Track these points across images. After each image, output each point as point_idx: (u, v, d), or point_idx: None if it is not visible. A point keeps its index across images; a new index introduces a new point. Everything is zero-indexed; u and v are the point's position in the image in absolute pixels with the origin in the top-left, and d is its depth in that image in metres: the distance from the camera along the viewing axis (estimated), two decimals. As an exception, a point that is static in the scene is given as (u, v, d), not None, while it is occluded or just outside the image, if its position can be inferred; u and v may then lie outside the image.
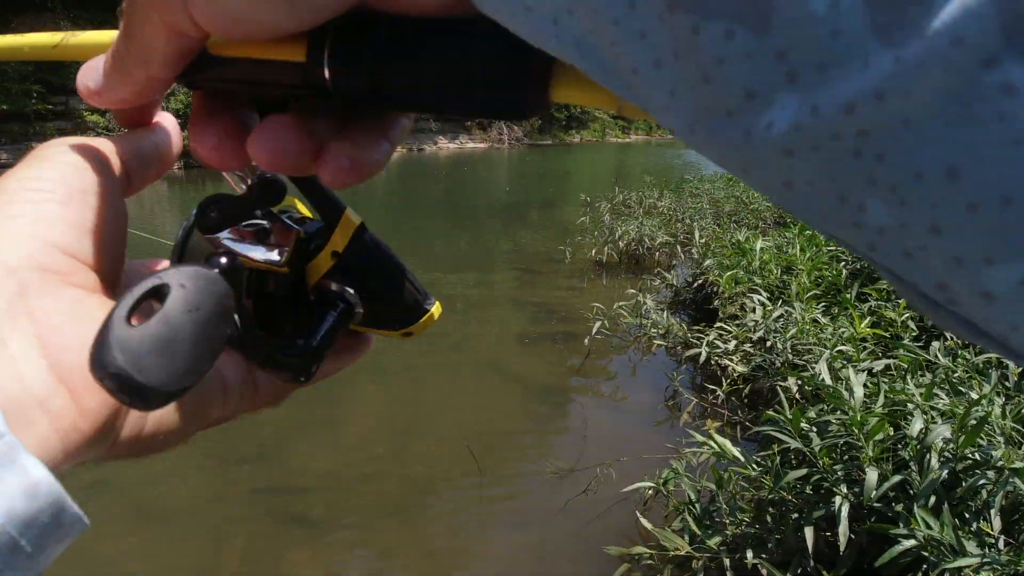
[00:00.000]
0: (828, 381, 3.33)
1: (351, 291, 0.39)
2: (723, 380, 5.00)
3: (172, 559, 3.69)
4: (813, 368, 3.70)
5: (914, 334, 4.36)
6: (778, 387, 3.90)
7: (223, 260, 0.30)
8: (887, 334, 4.30)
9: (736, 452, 3.19)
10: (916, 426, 2.71)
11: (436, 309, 0.42)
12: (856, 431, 2.80)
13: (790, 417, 3.03)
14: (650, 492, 3.61)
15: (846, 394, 3.04)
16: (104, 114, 23.77)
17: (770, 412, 3.21)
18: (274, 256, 0.38)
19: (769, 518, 3.02)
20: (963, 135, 0.16)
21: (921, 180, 0.17)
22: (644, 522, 3.34)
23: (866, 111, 0.17)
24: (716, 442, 3.24)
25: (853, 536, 2.63)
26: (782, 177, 0.20)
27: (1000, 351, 0.20)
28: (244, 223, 0.38)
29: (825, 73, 0.17)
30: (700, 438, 3.36)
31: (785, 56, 0.18)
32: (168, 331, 0.26)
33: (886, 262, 0.20)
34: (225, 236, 0.38)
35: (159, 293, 0.27)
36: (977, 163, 0.16)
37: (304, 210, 0.42)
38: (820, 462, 2.86)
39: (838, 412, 3.06)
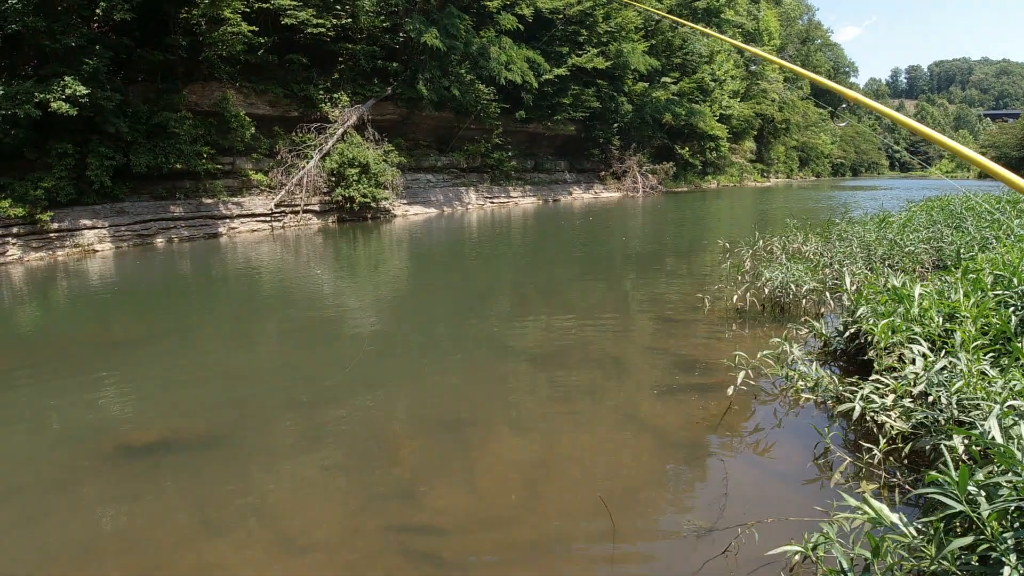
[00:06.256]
0: (999, 439, 3.01)
1: None
2: (880, 438, 4.63)
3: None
4: (981, 425, 3.36)
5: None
6: (943, 446, 3.56)
7: None
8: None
9: (894, 518, 2.93)
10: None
11: None
12: (1032, 496, 2.51)
13: (956, 479, 2.75)
14: (797, 557, 3.37)
15: (1018, 454, 2.73)
16: (267, 173, 25.88)
17: (933, 473, 2.93)
18: None
19: (933, 591, 2.73)
20: None
21: None
22: (790, 588, 3.11)
23: None
24: (872, 507, 2.99)
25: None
26: None
27: None
28: None
29: None
30: (853, 502, 3.11)
31: None
32: None
33: None
34: None
35: None
36: None
37: None
38: (988, 529, 2.57)
39: (1010, 474, 2.75)
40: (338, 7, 27.09)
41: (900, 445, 4.58)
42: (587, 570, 3.85)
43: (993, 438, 3.03)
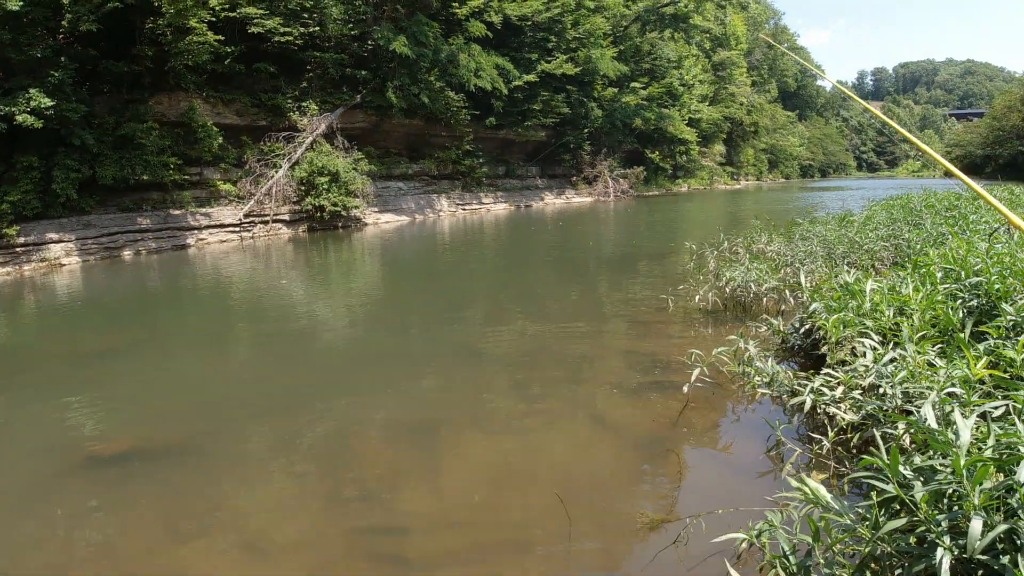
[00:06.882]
0: (933, 424, 3.12)
1: None
2: (829, 429, 4.75)
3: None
4: (919, 412, 3.47)
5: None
6: (880, 433, 3.68)
7: None
8: (1006, 375, 3.98)
9: (829, 498, 3.03)
10: (1024, 472, 2.50)
11: None
12: (961, 477, 2.61)
13: (887, 462, 2.85)
14: (744, 545, 3.46)
15: (953, 438, 2.84)
16: (235, 183, 25.67)
17: (867, 458, 3.03)
18: None
19: (870, 573, 2.83)
20: None
21: None
22: (735, 575, 3.20)
23: None
24: (809, 487, 3.08)
25: (956, 592, 2.43)
26: None
27: None
28: None
29: None
30: (795, 484, 3.21)
31: None
32: None
33: None
34: None
35: None
36: None
37: None
38: (921, 511, 2.67)
39: (947, 458, 2.86)
40: (305, 15, 27.02)
41: (849, 436, 4.71)
42: (544, 566, 3.91)
43: (928, 424, 3.14)
